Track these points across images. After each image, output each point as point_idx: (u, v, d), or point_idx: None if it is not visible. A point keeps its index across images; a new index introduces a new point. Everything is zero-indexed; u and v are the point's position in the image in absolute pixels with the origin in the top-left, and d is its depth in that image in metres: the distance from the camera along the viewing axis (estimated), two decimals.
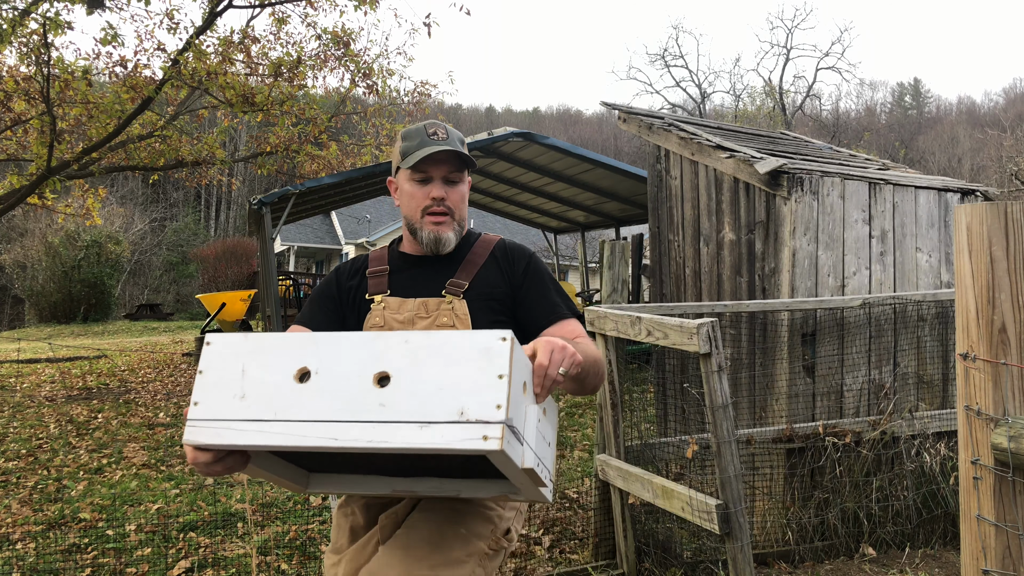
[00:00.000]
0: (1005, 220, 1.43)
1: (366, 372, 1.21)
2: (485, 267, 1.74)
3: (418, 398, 1.16)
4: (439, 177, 1.73)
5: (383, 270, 1.78)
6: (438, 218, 1.72)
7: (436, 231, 1.72)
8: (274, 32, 11.11)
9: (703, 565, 3.68)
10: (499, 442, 1.10)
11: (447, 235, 1.73)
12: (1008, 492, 1.44)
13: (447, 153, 1.70)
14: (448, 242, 1.73)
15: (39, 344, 16.62)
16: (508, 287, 1.73)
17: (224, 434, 1.23)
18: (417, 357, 1.20)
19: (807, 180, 4.32)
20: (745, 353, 4.49)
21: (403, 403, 1.17)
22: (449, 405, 1.14)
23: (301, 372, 1.24)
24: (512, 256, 1.78)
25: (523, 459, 1.19)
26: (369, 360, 1.22)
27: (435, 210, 1.72)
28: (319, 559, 4.00)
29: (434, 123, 1.76)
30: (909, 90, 60.09)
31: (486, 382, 1.15)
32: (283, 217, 11.41)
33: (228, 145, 34.69)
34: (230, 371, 1.28)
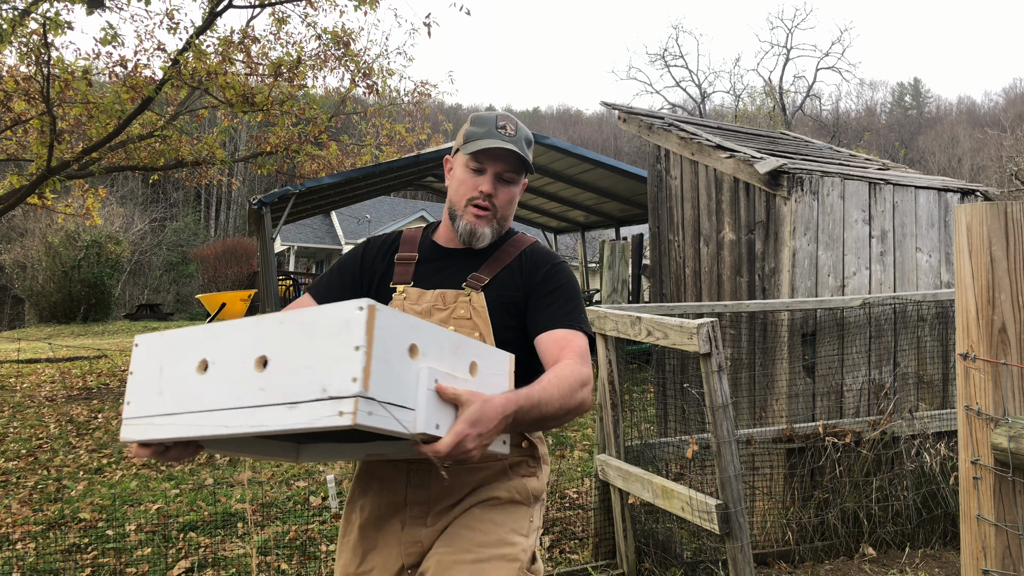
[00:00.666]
0: (1005, 220, 1.43)
1: (249, 357, 1.23)
2: (508, 268, 1.71)
3: (289, 378, 1.18)
4: (493, 173, 1.69)
5: (411, 258, 1.75)
6: (480, 212, 1.69)
7: (474, 224, 1.69)
8: (274, 32, 11.12)
9: (703, 565, 3.68)
10: (352, 416, 1.10)
11: (483, 230, 1.70)
12: (1008, 492, 1.44)
13: (507, 151, 1.67)
14: (483, 237, 1.70)
15: (39, 344, 16.62)
16: (523, 292, 1.69)
17: (148, 430, 1.33)
18: (291, 337, 1.21)
19: (807, 180, 4.32)
20: (745, 353, 4.49)
21: (278, 385, 1.18)
22: (314, 383, 1.15)
23: (202, 364, 1.29)
24: (535, 261, 1.73)
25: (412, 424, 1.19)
26: (251, 345, 1.24)
27: (479, 203, 1.69)
28: (319, 559, 4.01)
29: (507, 116, 1.72)
30: (909, 90, 60.10)
31: (345, 355, 1.14)
32: (283, 217, 11.42)
33: (228, 145, 34.69)
34: (151, 369, 1.37)
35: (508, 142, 1.66)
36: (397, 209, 31.37)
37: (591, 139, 51.73)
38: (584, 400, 1.49)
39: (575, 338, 1.61)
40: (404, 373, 1.20)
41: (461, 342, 1.34)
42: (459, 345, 1.33)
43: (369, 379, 1.13)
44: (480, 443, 1.27)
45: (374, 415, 1.13)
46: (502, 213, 1.72)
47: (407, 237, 1.82)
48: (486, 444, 1.29)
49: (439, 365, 1.28)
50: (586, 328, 1.66)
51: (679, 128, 5.41)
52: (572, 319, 1.64)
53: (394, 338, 1.20)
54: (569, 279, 1.72)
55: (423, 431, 1.20)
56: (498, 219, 1.72)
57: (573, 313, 1.66)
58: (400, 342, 1.21)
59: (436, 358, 1.28)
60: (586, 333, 1.65)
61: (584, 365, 1.55)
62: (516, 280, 1.69)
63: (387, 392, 1.16)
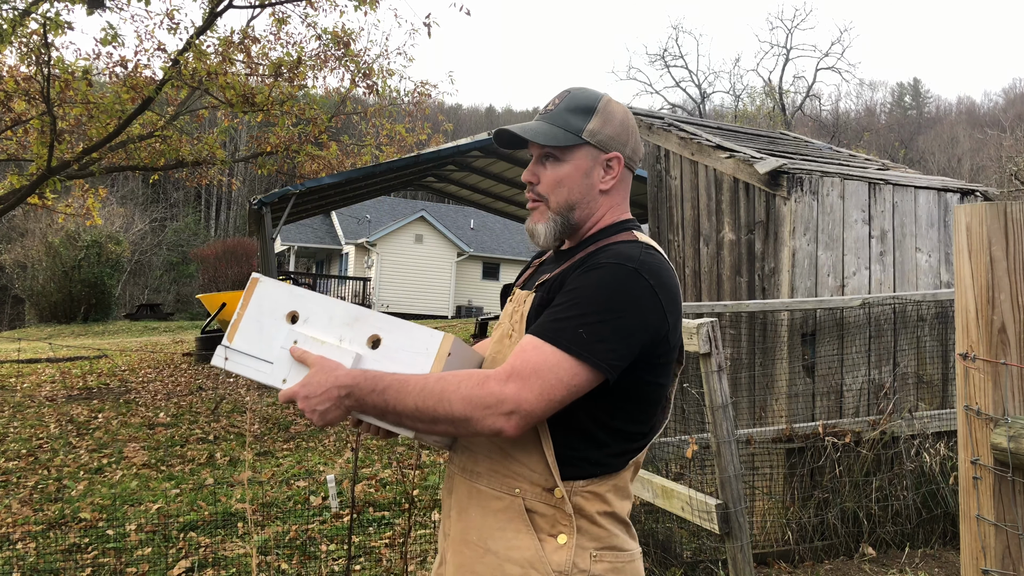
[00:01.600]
0: (1005, 220, 1.43)
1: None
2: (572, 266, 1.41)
3: None
4: (535, 155, 1.45)
5: (536, 263, 1.60)
6: (532, 204, 1.46)
7: (529, 223, 1.48)
8: (274, 32, 11.13)
9: (703, 565, 3.68)
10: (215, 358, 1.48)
11: (537, 227, 1.45)
12: (1008, 492, 1.44)
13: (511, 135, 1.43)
14: (538, 235, 1.45)
15: (39, 344, 16.62)
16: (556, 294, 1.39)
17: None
18: None
19: (807, 180, 4.33)
20: (745, 353, 4.50)
21: None
22: None
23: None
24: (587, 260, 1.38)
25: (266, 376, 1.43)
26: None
27: (529, 195, 1.47)
28: (319, 559, 4.01)
29: (562, 92, 1.48)
30: (909, 90, 60.11)
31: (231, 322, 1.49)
32: (283, 217, 11.42)
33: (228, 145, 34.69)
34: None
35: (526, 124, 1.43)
36: (397, 209, 31.36)
37: None
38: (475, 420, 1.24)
39: (532, 349, 1.27)
40: (274, 333, 1.45)
41: (362, 316, 1.45)
42: (358, 318, 1.44)
43: (235, 334, 1.47)
44: (310, 405, 1.30)
45: (230, 361, 1.46)
46: (555, 203, 1.42)
47: None
48: (320, 409, 1.30)
49: (322, 334, 1.43)
50: (568, 345, 1.25)
51: (679, 128, 5.41)
52: (555, 328, 1.28)
53: (272, 304, 1.47)
54: (596, 284, 1.31)
55: (270, 383, 1.43)
56: (553, 209, 1.43)
57: (564, 322, 1.28)
58: (278, 308, 1.47)
59: (322, 327, 1.44)
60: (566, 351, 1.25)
61: (504, 382, 1.23)
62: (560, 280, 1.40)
63: (249, 346, 1.45)
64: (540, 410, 1.25)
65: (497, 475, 1.36)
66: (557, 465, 1.32)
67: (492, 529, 1.35)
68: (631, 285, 1.30)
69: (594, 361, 1.26)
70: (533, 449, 1.34)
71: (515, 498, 1.34)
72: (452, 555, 1.42)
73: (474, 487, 1.39)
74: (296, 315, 1.46)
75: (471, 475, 1.40)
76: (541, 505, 1.33)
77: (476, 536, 1.37)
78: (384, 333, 1.42)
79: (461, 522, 1.41)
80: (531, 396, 1.23)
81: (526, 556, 1.31)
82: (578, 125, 1.41)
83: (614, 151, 1.43)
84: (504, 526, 1.34)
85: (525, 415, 1.24)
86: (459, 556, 1.39)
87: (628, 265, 1.32)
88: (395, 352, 1.39)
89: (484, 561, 1.35)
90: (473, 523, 1.38)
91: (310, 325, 1.45)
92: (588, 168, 1.43)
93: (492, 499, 1.36)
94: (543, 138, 1.40)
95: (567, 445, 1.34)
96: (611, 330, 1.27)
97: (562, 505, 1.33)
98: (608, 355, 1.27)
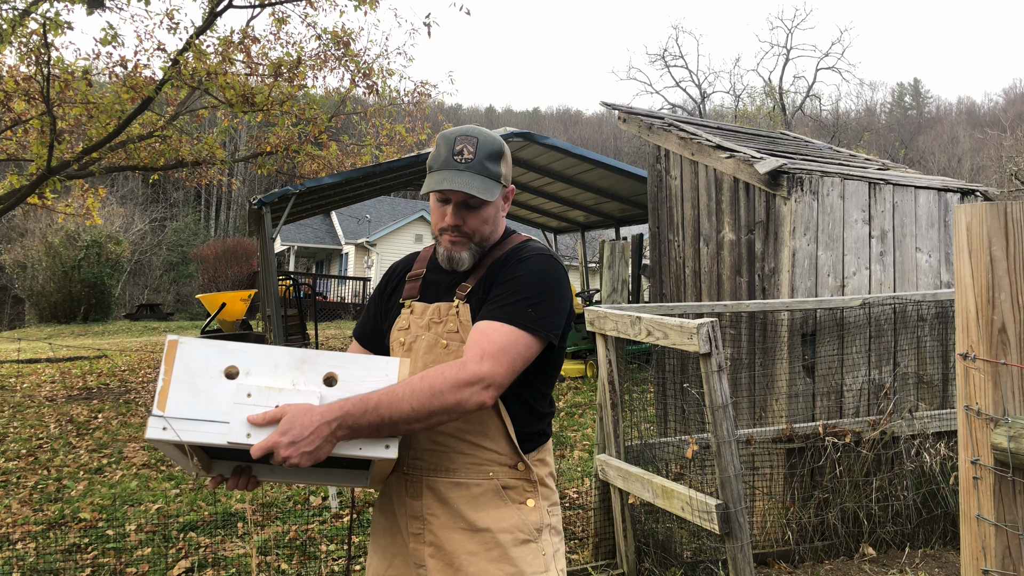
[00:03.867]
0: (1005, 220, 1.43)
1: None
2: (490, 269, 1.66)
3: None
4: (457, 200, 1.62)
5: (419, 274, 1.77)
6: (453, 239, 1.65)
7: (450, 250, 1.66)
8: (274, 32, 11.13)
9: (703, 565, 3.68)
10: (145, 431, 1.37)
11: (460, 255, 1.66)
12: (1008, 492, 1.44)
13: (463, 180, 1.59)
14: (461, 262, 1.66)
15: (39, 344, 16.61)
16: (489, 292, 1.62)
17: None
18: None
19: (807, 180, 4.32)
20: (745, 353, 4.50)
21: None
22: None
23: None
24: (509, 256, 1.66)
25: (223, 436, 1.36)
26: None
27: (449, 234, 1.66)
28: (319, 559, 4.01)
29: (465, 137, 1.63)
30: (909, 90, 60.10)
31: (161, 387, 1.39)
32: (283, 217, 11.41)
33: (228, 145, 34.69)
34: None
35: (461, 175, 1.59)
36: (397, 209, 31.36)
37: (591, 139, 51.73)
38: (463, 400, 1.43)
39: (493, 332, 1.50)
40: (216, 391, 1.39)
41: (308, 357, 1.45)
42: (305, 360, 1.44)
43: (166, 400, 1.37)
44: (298, 450, 1.34)
45: (168, 430, 1.35)
46: (478, 236, 1.66)
47: (420, 256, 1.84)
48: (308, 450, 1.35)
49: (272, 381, 1.41)
50: (524, 323, 1.51)
51: (679, 128, 5.41)
52: (508, 312, 1.52)
53: (202, 363, 1.40)
54: (531, 272, 1.59)
55: (235, 440, 1.36)
56: (476, 242, 1.66)
57: (514, 306, 1.52)
58: (211, 366, 1.40)
59: (268, 376, 1.42)
60: (523, 328, 1.51)
61: (479, 362, 1.45)
62: (487, 281, 1.63)
63: (189, 410, 1.37)
64: (508, 380, 1.49)
65: (472, 466, 1.59)
66: (517, 443, 1.60)
67: (478, 511, 1.58)
68: (555, 269, 1.62)
69: (543, 333, 1.54)
70: (498, 435, 1.60)
71: (490, 480, 1.59)
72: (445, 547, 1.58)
73: (452, 482, 1.59)
74: (235, 370, 1.41)
75: (447, 472, 1.59)
76: (511, 480, 1.61)
77: (464, 523, 1.57)
78: (338, 369, 1.45)
79: (444, 516, 1.59)
80: (502, 369, 1.47)
81: (512, 523, 1.59)
82: (496, 172, 1.64)
83: (511, 185, 1.74)
84: (486, 506, 1.58)
85: (499, 386, 1.48)
86: (452, 544, 1.57)
87: (546, 254, 1.65)
88: (356, 385, 1.44)
89: (479, 539, 1.57)
90: (459, 512, 1.58)
91: (255, 376, 1.41)
92: (499, 203, 1.70)
93: (472, 487, 1.59)
94: (485, 194, 1.60)
95: (520, 423, 1.62)
96: (550, 306, 1.57)
97: (527, 475, 1.63)
98: (551, 326, 1.57)
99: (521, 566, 1.57)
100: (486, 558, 1.56)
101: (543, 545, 1.62)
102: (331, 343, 14.80)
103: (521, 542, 1.59)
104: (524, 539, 1.59)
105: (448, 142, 1.63)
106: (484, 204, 1.64)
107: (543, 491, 1.66)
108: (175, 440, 1.35)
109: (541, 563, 1.60)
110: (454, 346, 1.60)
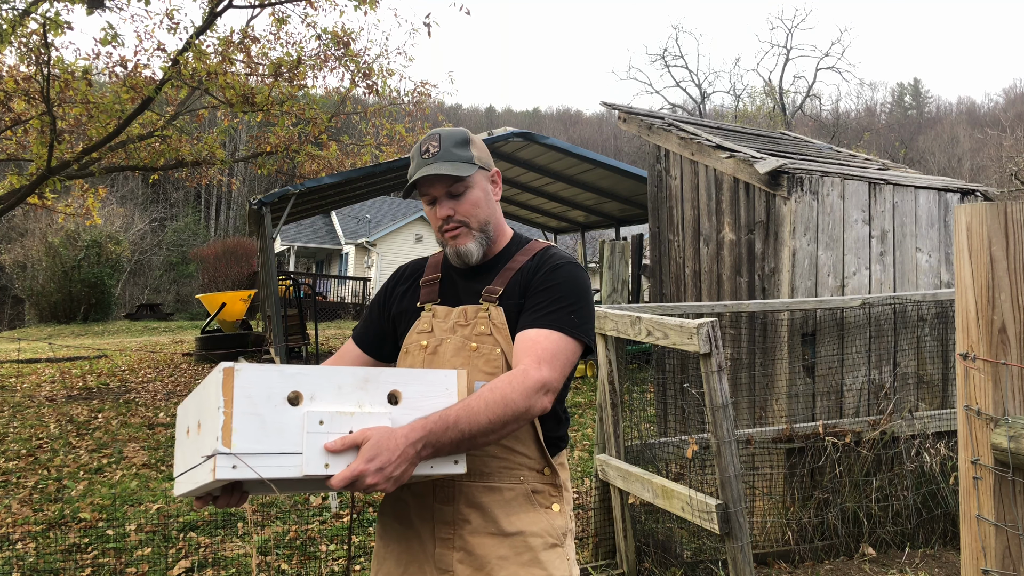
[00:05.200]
0: (1005, 220, 1.43)
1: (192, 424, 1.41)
2: (518, 274, 1.68)
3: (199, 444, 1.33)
4: (441, 194, 1.68)
5: (435, 279, 1.78)
6: (453, 232, 1.68)
7: (455, 245, 1.68)
8: (274, 32, 11.12)
9: (703, 565, 3.68)
10: (212, 473, 1.22)
11: (467, 246, 1.68)
12: (1008, 492, 1.44)
13: (430, 177, 1.65)
14: (470, 253, 1.68)
15: (39, 344, 16.61)
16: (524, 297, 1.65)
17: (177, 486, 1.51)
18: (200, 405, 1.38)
19: (807, 180, 4.32)
20: (745, 353, 4.50)
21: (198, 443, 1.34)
22: (206, 446, 1.28)
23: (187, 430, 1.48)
24: (541, 263, 1.68)
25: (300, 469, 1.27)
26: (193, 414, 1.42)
27: (446, 228, 1.68)
28: (319, 559, 4.01)
29: (429, 137, 1.70)
30: (909, 90, 60.09)
31: (213, 417, 1.26)
32: (283, 217, 11.40)
33: (228, 145, 34.69)
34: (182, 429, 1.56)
35: (427, 167, 1.65)
36: (397, 209, 31.36)
37: (591, 139, 51.72)
38: (532, 406, 1.45)
39: (544, 339, 1.55)
40: (284, 422, 1.28)
41: (371, 376, 1.39)
42: (368, 379, 1.38)
43: (231, 436, 1.23)
44: (385, 475, 1.30)
45: (238, 468, 1.23)
46: (476, 222, 1.68)
47: (431, 262, 1.85)
48: (396, 475, 1.31)
49: (338, 406, 1.34)
50: (569, 330, 1.57)
51: (679, 128, 5.41)
52: (553, 319, 1.58)
53: (264, 391, 1.28)
54: (567, 280, 1.64)
55: (312, 472, 1.27)
56: (476, 228, 1.69)
57: (557, 313, 1.58)
58: (274, 393, 1.29)
59: (332, 399, 1.34)
60: (569, 335, 1.57)
61: (539, 368, 1.49)
62: (520, 286, 1.66)
63: (260, 444, 1.25)
64: (560, 385, 1.55)
65: (506, 470, 1.60)
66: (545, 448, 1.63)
67: (510, 516, 1.59)
68: (584, 276, 1.68)
69: (585, 339, 1.60)
70: (529, 440, 1.61)
71: (521, 485, 1.61)
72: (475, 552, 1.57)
73: (486, 486, 1.59)
74: (298, 395, 1.32)
75: (481, 477, 1.59)
76: (539, 484, 1.63)
77: (496, 528, 1.57)
78: (401, 387, 1.41)
79: (476, 521, 1.58)
80: (556, 374, 1.52)
81: (541, 527, 1.60)
82: (465, 155, 1.68)
83: (493, 168, 1.76)
84: (518, 510, 1.59)
85: (556, 391, 1.53)
86: (483, 549, 1.57)
87: (575, 261, 1.69)
88: (419, 401, 1.40)
89: (509, 543, 1.58)
90: (491, 517, 1.58)
91: (320, 400, 1.33)
92: (486, 187, 1.72)
93: (505, 491, 1.60)
94: (457, 171, 1.63)
95: (547, 428, 1.65)
96: (586, 312, 1.63)
97: (553, 479, 1.65)
98: (590, 332, 1.63)
99: (551, 570, 1.58)
100: (516, 562, 1.56)
101: (567, 550, 1.64)
102: (331, 343, 14.81)
103: (550, 546, 1.60)
104: (552, 543, 1.61)
105: (417, 148, 1.71)
106: (467, 188, 1.68)
107: (565, 495, 1.68)
108: (252, 478, 1.23)
109: (566, 568, 1.62)
110: (485, 348, 1.61)
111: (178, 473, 1.47)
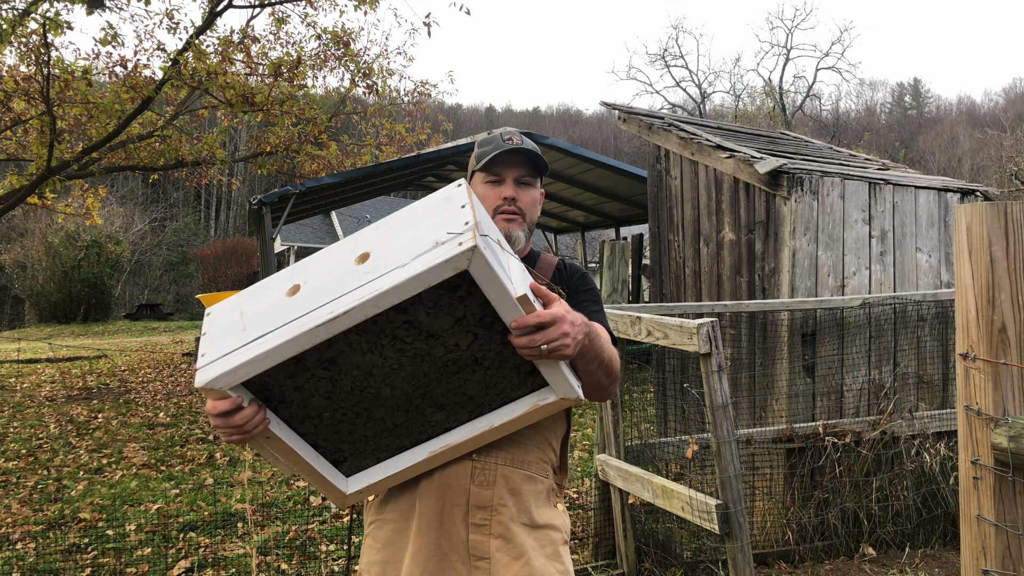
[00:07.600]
0: (1005, 220, 1.43)
1: (347, 260, 1.26)
2: (559, 272, 1.80)
3: (396, 252, 1.20)
4: (511, 179, 1.74)
5: None
6: (509, 216, 1.73)
7: (507, 228, 1.72)
8: (274, 32, 11.12)
9: (703, 565, 3.68)
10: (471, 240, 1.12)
11: (517, 233, 1.73)
12: (1008, 492, 1.44)
13: (518, 155, 1.73)
14: (518, 240, 1.74)
15: (39, 344, 16.61)
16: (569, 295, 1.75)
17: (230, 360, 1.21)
18: (390, 230, 1.27)
19: (807, 180, 4.32)
20: (745, 353, 4.49)
21: (383, 260, 1.20)
22: (425, 242, 1.17)
23: (292, 289, 1.27)
24: (570, 271, 1.83)
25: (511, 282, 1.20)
26: (349, 252, 1.28)
27: (506, 209, 1.73)
28: (319, 559, 4.01)
29: (510, 131, 1.79)
30: (909, 90, 60.08)
31: (452, 215, 1.20)
32: (283, 217, 11.42)
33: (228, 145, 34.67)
34: (229, 318, 1.31)
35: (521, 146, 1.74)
36: (397, 209, 31.33)
37: (591, 139, 51.70)
38: (617, 376, 1.60)
39: (605, 333, 1.68)
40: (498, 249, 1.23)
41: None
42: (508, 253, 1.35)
43: (479, 225, 1.16)
44: (574, 333, 1.32)
45: (489, 249, 1.15)
46: (529, 217, 1.76)
47: None
48: (578, 339, 1.34)
49: None
50: (609, 328, 1.75)
51: (679, 128, 5.41)
52: (601, 320, 1.73)
53: (488, 221, 1.27)
54: (594, 286, 1.84)
55: (523, 292, 1.22)
56: (527, 222, 1.75)
57: (599, 313, 1.75)
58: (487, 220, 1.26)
59: None
60: (610, 332, 1.74)
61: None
62: (564, 284, 1.79)
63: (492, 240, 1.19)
64: None
65: (541, 462, 1.65)
66: None
67: (539, 507, 1.64)
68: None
69: (614, 336, 1.75)
70: (556, 439, 1.69)
71: (546, 480, 1.66)
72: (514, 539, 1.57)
73: (526, 474, 1.62)
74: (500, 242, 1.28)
75: (523, 464, 1.62)
76: (553, 484, 1.69)
77: (527, 518, 1.60)
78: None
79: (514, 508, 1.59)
80: None
81: (560, 523, 1.67)
82: (542, 161, 1.77)
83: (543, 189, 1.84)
84: (543, 503, 1.65)
85: None
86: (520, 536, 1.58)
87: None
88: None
89: (536, 535, 1.61)
90: (525, 506, 1.61)
91: None
92: (538, 198, 1.81)
93: (537, 482, 1.64)
94: (542, 167, 1.76)
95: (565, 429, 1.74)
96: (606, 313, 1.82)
97: (560, 480, 1.72)
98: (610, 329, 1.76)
99: (568, 565, 1.65)
100: (543, 554, 1.60)
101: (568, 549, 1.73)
102: None
103: (564, 542, 1.67)
104: (565, 540, 1.68)
105: (495, 136, 1.77)
106: (534, 185, 1.77)
107: (560, 494, 1.76)
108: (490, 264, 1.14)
109: (571, 566, 1.68)
110: None
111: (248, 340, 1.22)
